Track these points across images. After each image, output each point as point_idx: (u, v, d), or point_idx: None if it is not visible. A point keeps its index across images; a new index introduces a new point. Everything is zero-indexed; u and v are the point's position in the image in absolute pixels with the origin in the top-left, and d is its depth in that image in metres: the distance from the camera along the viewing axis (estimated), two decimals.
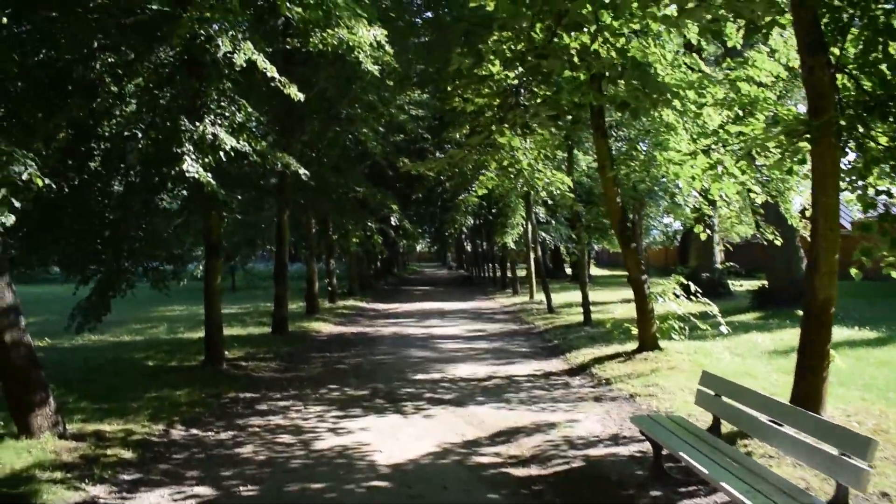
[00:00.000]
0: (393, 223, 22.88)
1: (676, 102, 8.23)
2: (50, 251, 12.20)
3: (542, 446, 8.08)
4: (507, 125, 7.85)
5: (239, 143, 9.84)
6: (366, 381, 12.44)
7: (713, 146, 8.71)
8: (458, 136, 8.52)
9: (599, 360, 13.38)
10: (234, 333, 18.62)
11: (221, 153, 9.62)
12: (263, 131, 10.48)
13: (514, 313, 25.47)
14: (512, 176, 8.38)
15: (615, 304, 25.14)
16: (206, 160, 9.54)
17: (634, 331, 14.22)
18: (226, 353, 14.28)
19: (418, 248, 78.39)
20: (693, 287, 13.68)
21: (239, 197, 21.74)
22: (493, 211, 33.74)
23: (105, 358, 14.86)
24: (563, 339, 17.02)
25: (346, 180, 18.03)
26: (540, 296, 27.45)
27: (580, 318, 20.03)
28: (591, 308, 19.67)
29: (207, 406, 10.38)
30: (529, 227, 27.59)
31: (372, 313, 26.80)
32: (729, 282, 26.05)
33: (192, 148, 9.33)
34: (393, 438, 8.52)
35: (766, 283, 21.44)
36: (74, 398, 10.42)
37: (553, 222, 36.42)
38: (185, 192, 13.08)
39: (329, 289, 28.88)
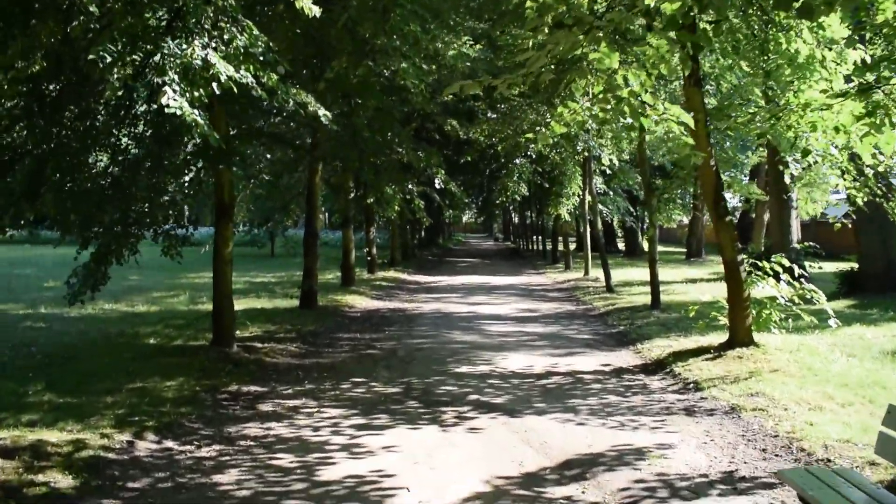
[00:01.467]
0: (437, 186, 20.63)
1: None
2: (26, 211, 10.19)
3: (632, 489, 5.83)
4: (607, 29, 5.39)
5: (239, 72, 7.66)
6: (398, 374, 10.33)
7: (875, 85, 6.34)
8: (530, 43, 6.15)
9: (680, 356, 11.04)
10: (257, 306, 16.78)
11: (215, 85, 7.47)
12: (274, 61, 8.27)
13: (568, 291, 23.19)
14: (610, 107, 6.16)
15: (678, 283, 22.78)
16: (197, 94, 7.40)
17: (721, 320, 11.87)
18: (239, 331, 12.34)
19: (464, 218, 76.31)
20: (797, 270, 11.27)
21: (269, 156, 19.98)
22: (544, 180, 31.38)
23: (104, 332, 13.02)
24: (630, 325, 14.72)
25: (385, 137, 15.80)
26: (595, 272, 25.18)
27: (644, 299, 17.73)
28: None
29: (197, 405, 8.30)
30: (588, 197, 25.18)
31: (413, 286, 24.76)
32: (807, 264, 23.38)
33: (176, 77, 7.20)
34: (426, 465, 6.37)
35: (855, 265, 18.86)
36: (39, 388, 8.47)
37: (611, 193, 33.92)
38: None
39: (368, 259, 27.03)
